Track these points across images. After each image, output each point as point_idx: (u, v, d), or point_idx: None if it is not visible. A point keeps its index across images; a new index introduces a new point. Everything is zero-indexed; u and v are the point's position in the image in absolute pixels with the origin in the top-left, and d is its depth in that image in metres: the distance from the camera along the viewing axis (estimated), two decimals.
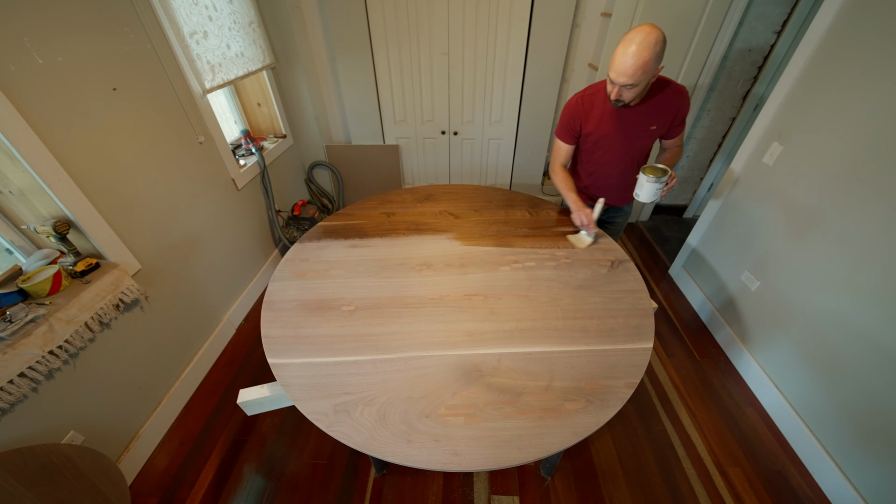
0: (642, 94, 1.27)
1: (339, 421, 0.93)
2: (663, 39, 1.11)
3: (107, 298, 1.34)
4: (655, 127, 1.39)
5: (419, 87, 2.61)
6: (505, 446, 0.88)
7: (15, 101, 1.09)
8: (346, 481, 1.49)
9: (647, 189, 1.35)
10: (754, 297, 1.83)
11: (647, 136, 1.43)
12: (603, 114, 1.41)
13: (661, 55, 1.13)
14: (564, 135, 1.54)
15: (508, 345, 1.11)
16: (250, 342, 2.09)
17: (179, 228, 1.73)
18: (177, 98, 1.68)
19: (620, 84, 1.19)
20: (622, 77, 1.16)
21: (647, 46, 1.09)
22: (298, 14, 2.34)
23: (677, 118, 1.38)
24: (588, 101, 1.43)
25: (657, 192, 1.36)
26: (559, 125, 1.54)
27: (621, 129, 1.42)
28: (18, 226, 1.30)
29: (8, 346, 1.07)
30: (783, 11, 2.26)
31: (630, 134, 1.42)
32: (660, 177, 1.32)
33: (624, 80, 1.17)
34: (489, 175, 3.05)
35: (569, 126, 1.50)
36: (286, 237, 2.57)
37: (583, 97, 1.44)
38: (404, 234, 1.58)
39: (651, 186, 1.35)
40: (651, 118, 1.38)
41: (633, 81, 1.16)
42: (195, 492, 1.47)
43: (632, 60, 1.12)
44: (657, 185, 1.34)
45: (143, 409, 1.57)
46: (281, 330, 1.17)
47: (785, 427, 1.64)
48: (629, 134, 1.42)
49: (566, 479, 1.49)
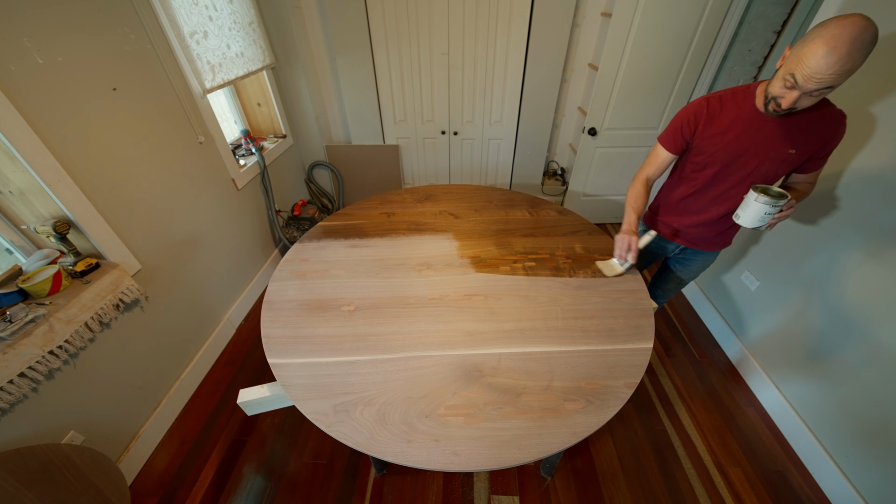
0: None
1: (339, 421, 0.93)
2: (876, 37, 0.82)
3: (107, 298, 1.34)
4: (795, 152, 1.08)
5: (419, 87, 2.61)
6: (505, 446, 0.88)
7: (15, 101, 1.09)
8: (346, 481, 1.49)
9: (754, 210, 1.07)
10: (754, 296, 1.83)
11: (780, 161, 1.10)
12: (733, 123, 1.12)
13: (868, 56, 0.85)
14: (669, 139, 1.24)
15: (508, 345, 1.11)
16: (250, 342, 2.09)
17: (179, 228, 1.73)
18: (177, 98, 1.68)
19: (808, 90, 0.89)
20: (813, 81, 0.87)
21: (862, 45, 0.81)
22: (298, 14, 2.34)
23: (824, 149, 1.08)
24: (716, 104, 1.15)
25: (765, 218, 1.07)
26: (667, 127, 1.25)
27: (750, 146, 1.11)
28: (18, 226, 1.30)
29: (8, 346, 1.07)
30: (783, 11, 2.26)
31: (760, 153, 1.11)
32: (775, 199, 1.02)
33: (814, 84, 0.87)
34: (489, 175, 3.05)
35: (680, 129, 1.20)
36: (286, 237, 2.57)
37: (709, 99, 1.16)
38: (404, 234, 1.58)
39: (759, 208, 1.06)
40: (794, 140, 1.07)
41: (830, 83, 0.86)
42: (195, 492, 1.47)
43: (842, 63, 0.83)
44: (768, 207, 1.04)
45: (143, 409, 1.57)
46: (281, 330, 1.17)
47: (785, 427, 1.64)
48: (758, 154, 1.11)
49: (566, 479, 1.49)
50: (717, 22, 2.14)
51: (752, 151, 1.12)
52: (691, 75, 2.33)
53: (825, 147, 1.08)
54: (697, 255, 1.45)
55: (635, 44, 2.18)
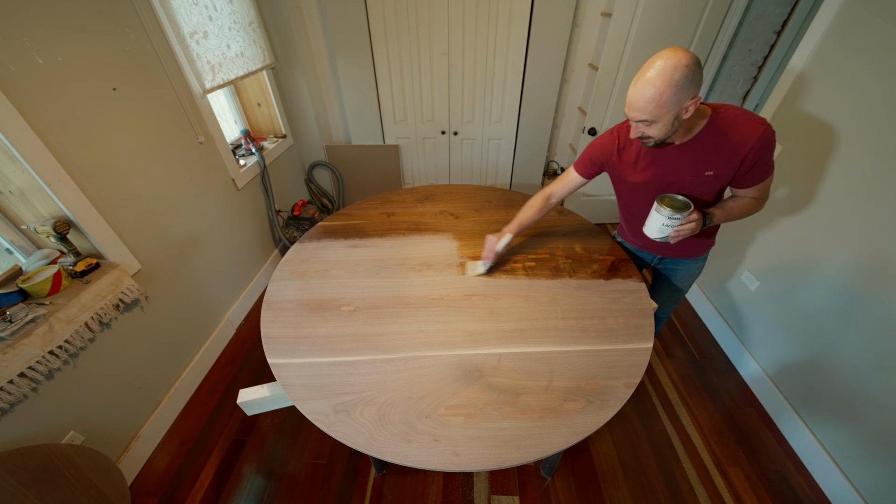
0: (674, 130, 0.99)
1: (339, 421, 0.93)
2: (687, 65, 0.87)
3: (107, 298, 1.34)
4: (712, 173, 1.08)
5: (419, 87, 2.61)
6: (505, 446, 0.88)
7: (15, 101, 1.10)
8: (346, 481, 1.49)
9: (654, 220, 1.08)
10: (754, 296, 1.83)
11: (702, 183, 1.11)
12: (641, 154, 1.16)
13: (684, 85, 0.89)
14: (581, 164, 1.30)
15: (508, 345, 1.11)
16: (250, 342, 2.09)
17: (179, 228, 1.73)
18: (177, 98, 1.68)
19: (634, 120, 0.99)
20: (634, 111, 0.96)
21: (660, 74, 0.88)
22: (298, 14, 2.34)
23: (747, 163, 1.04)
24: (626, 134, 1.19)
25: (664, 229, 1.07)
26: (581, 154, 1.30)
27: (664, 173, 1.14)
28: (18, 226, 1.30)
29: (8, 346, 1.07)
30: (783, 11, 2.26)
31: (675, 178, 1.13)
32: (672, 210, 1.03)
33: (636, 114, 0.96)
34: (489, 175, 3.05)
35: (590, 158, 1.27)
36: (286, 237, 2.57)
37: (619, 129, 1.21)
38: (404, 234, 1.58)
39: (657, 218, 1.07)
40: (706, 161, 1.07)
41: (646, 117, 0.95)
42: (195, 492, 1.47)
43: (642, 91, 0.92)
44: (664, 218, 1.05)
45: (143, 409, 1.57)
46: (281, 330, 1.17)
47: (785, 427, 1.64)
48: (674, 178, 1.13)
49: (566, 479, 1.49)
50: (717, 22, 2.14)
51: (667, 178, 1.14)
52: None
53: (746, 159, 1.03)
54: (677, 263, 1.44)
55: (635, 44, 2.18)
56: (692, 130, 1.05)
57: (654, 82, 0.89)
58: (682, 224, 1.05)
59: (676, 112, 0.94)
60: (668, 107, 0.92)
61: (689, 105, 0.93)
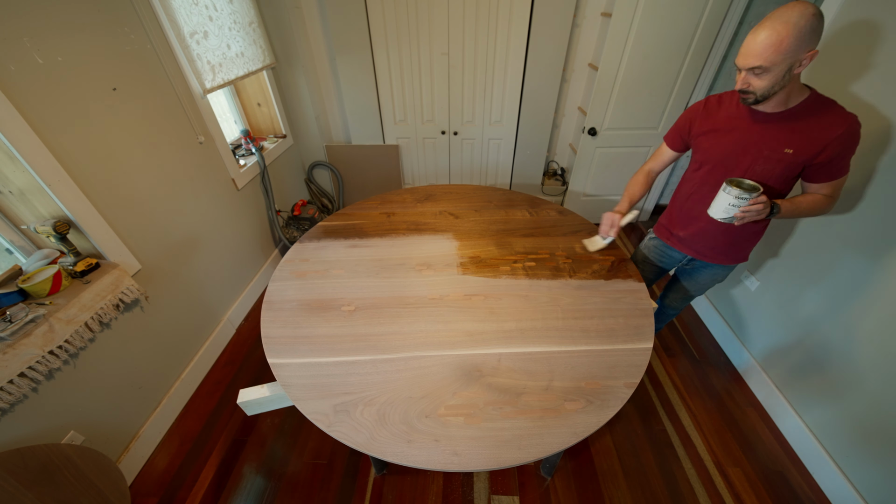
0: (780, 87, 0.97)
1: (339, 421, 0.93)
2: (814, 13, 0.86)
3: (107, 298, 1.34)
4: (791, 151, 1.06)
5: (419, 87, 2.61)
6: (505, 446, 0.88)
7: (15, 101, 1.09)
8: (346, 481, 1.49)
9: (720, 200, 1.07)
10: (754, 296, 1.83)
11: (776, 161, 1.08)
12: (727, 121, 1.15)
13: (807, 33, 0.88)
14: (670, 136, 1.33)
15: (508, 345, 1.11)
16: (250, 342, 2.09)
17: (179, 228, 1.73)
18: (177, 98, 1.68)
19: (746, 68, 0.96)
20: (748, 58, 0.93)
21: (785, 20, 0.87)
22: (298, 14, 2.34)
23: (828, 151, 1.01)
24: (714, 103, 1.19)
25: (730, 210, 1.06)
26: (672, 126, 1.34)
27: (743, 143, 1.12)
28: (18, 226, 1.30)
29: (8, 346, 1.07)
30: None
31: (752, 151, 1.11)
32: (741, 191, 1.03)
33: (750, 61, 0.93)
34: (489, 175, 3.05)
35: (679, 127, 1.29)
36: (286, 237, 2.57)
37: (709, 99, 1.21)
38: (404, 234, 1.58)
39: (724, 198, 1.05)
40: (790, 139, 1.05)
41: (760, 62, 0.92)
42: (195, 492, 1.47)
43: (763, 36, 0.89)
44: (731, 198, 1.04)
45: (143, 409, 1.57)
46: (281, 330, 1.17)
47: (785, 427, 1.64)
48: (751, 151, 1.11)
49: (566, 479, 1.49)
50: (717, 22, 2.14)
51: (745, 149, 1.12)
52: (691, 75, 2.33)
53: (828, 148, 1.01)
54: (706, 266, 1.43)
55: (635, 44, 2.18)
56: (788, 102, 1.04)
57: (776, 27, 0.89)
58: (749, 205, 1.04)
59: (791, 63, 0.92)
60: (787, 54, 0.90)
61: (805, 59, 0.92)
